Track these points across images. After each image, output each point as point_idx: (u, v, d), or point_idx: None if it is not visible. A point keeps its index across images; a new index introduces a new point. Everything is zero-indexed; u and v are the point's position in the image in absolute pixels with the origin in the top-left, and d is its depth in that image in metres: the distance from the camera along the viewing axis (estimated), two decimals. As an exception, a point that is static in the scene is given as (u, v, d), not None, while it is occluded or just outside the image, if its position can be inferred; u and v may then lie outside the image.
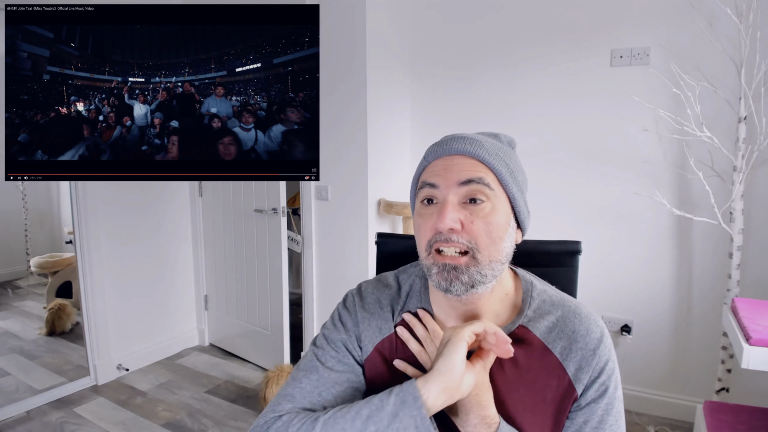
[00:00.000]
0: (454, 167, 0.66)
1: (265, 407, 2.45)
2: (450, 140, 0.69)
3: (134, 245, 2.60)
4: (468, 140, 0.68)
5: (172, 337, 2.86)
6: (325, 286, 2.50)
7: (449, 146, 0.68)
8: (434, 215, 0.66)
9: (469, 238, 0.64)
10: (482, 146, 0.67)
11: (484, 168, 0.67)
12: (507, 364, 0.69)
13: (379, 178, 2.36)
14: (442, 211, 0.64)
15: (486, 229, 0.65)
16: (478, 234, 0.64)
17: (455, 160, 0.67)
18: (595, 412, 0.67)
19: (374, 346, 0.75)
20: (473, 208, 0.65)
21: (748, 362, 1.25)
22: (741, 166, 1.74)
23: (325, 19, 2.16)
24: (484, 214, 0.65)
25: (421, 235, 0.68)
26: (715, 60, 1.88)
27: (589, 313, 0.71)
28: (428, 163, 0.70)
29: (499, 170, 0.67)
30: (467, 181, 0.65)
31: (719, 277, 1.99)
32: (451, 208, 0.64)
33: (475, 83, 2.38)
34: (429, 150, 0.72)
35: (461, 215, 0.65)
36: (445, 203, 0.65)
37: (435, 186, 0.67)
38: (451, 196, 0.65)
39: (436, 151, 0.69)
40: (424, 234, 0.67)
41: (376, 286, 0.80)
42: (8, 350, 2.35)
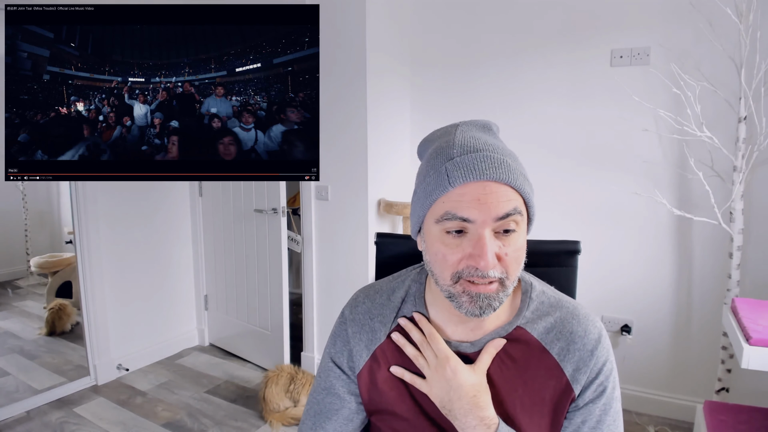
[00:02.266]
0: (489, 199, 0.60)
1: (266, 408, 2.41)
2: (476, 161, 0.61)
3: (134, 245, 2.60)
4: (495, 162, 0.61)
5: (172, 337, 2.86)
6: (325, 286, 2.50)
7: (478, 169, 0.60)
8: (463, 247, 0.61)
9: (502, 269, 0.62)
10: (510, 169, 0.61)
11: (514, 194, 0.62)
12: (505, 364, 0.69)
13: (379, 178, 2.36)
14: (482, 251, 0.60)
15: (516, 257, 0.63)
16: (511, 264, 0.62)
17: (488, 189, 0.60)
18: (593, 412, 0.67)
19: (367, 358, 0.75)
20: (506, 239, 0.62)
21: (748, 362, 1.25)
22: (741, 166, 1.74)
23: (325, 19, 2.17)
24: (515, 243, 0.62)
25: (448, 265, 0.63)
26: (715, 60, 1.87)
27: (587, 314, 0.71)
28: (453, 187, 0.61)
29: (527, 193, 0.63)
30: (505, 216, 0.60)
31: (719, 277, 1.99)
32: (490, 245, 0.60)
33: (476, 87, 2.38)
34: (448, 168, 0.61)
35: (495, 247, 0.61)
36: (482, 241, 0.60)
37: (469, 221, 0.60)
38: (487, 231, 0.60)
39: (464, 175, 0.60)
40: (451, 265, 0.63)
41: (368, 294, 0.80)
42: (8, 350, 2.35)
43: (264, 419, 2.12)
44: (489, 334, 0.70)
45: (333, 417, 0.76)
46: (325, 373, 0.78)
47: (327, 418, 0.76)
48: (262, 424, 2.11)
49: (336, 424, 0.76)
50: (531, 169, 1.58)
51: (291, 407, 2.13)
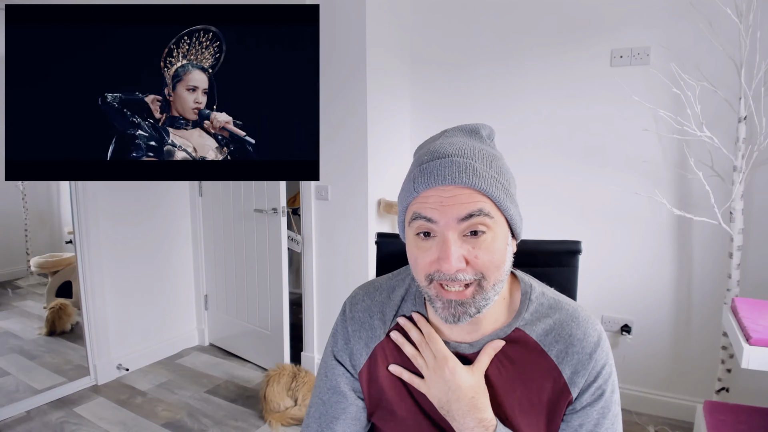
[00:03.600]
0: (451, 201, 0.60)
1: (266, 407, 2.39)
2: (440, 167, 0.62)
3: (134, 245, 2.60)
4: (460, 167, 0.61)
5: (172, 336, 2.86)
6: (325, 286, 2.50)
7: (440, 175, 0.61)
8: (433, 250, 0.62)
9: (474, 272, 0.62)
10: (476, 173, 0.61)
11: (481, 196, 0.61)
12: (504, 365, 0.69)
13: (379, 178, 2.36)
14: (446, 253, 0.60)
15: (490, 259, 0.62)
16: (484, 266, 0.62)
17: (450, 192, 0.61)
18: (591, 415, 0.67)
19: (367, 356, 0.75)
20: (475, 241, 0.62)
21: (748, 362, 1.25)
22: (741, 166, 1.74)
23: (324, 18, 2.17)
24: (487, 245, 0.62)
25: (419, 267, 0.64)
26: (715, 60, 1.87)
27: (587, 316, 0.70)
28: (418, 193, 0.63)
29: (497, 196, 0.62)
30: (467, 216, 0.60)
31: (719, 277, 1.99)
32: (454, 248, 0.60)
33: (476, 86, 2.38)
34: (415, 174, 0.64)
35: (463, 250, 0.61)
36: (446, 243, 0.61)
37: (431, 221, 0.61)
38: (451, 233, 0.61)
39: (426, 181, 0.62)
40: (422, 267, 0.64)
41: (367, 292, 0.80)
42: (8, 350, 2.35)
43: (264, 419, 2.12)
44: (488, 336, 0.70)
45: (341, 416, 0.74)
46: (330, 372, 0.76)
47: (334, 418, 0.74)
48: (262, 424, 2.11)
49: (344, 424, 0.74)
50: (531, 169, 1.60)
51: (292, 406, 2.13)
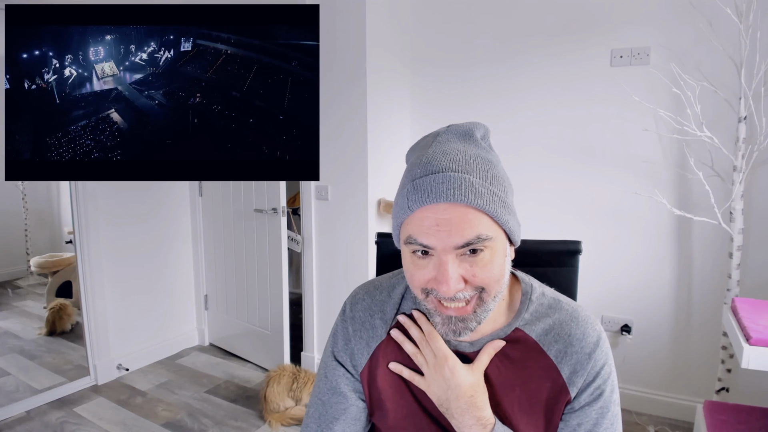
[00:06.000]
0: (447, 225, 0.58)
1: (266, 407, 2.39)
2: (434, 183, 0.58)
3: (134, 245, 2.60)
4: (455, 182, 0.58)
5: (172, 336, 2.86)
6: (325, 286, 2.50)
7: (435, 192, 0.58)
8: (429, 268, 0.61)
9: (474, 288, 0.61)
10: (472, 188, 0.58)
11: (478, 213, 0.58)
12: (503, 364, 0.69)
13: (379, 178, 2.36)
14: (444, 277, 0.59)
15: (489, 275, 0.61)
16: (483, 282, 0.61)
17: (445, 212, 0.58)
18: (589, 415, 0.67)
19: (368, 356, 0.74)
20: (473, 260, 0.60)
21: (748, 362, 1.25)
22: (741, 166, 1.74)
23: (324, 17, 2.16)
24: (485, 263, 0.60)
25: (415, 283, 0.63)
26: (715, 60, 1.88)
27: (587, 317, 0.70)
28: (412, 211, 0.60)
29: (494, 210, 0.59)
30: (465, 245, 0.58)
31: (719, 277, 1.99)
32: (452, 271, 0.59)
33: (476, 86, 2.38)
34: (409, 190, 0.60)
35: (461, 270, 0.60)
36: (444, 266, 0.59)
37: (429, 248, 0.60)
38: (450, 257, 0.59)
39: (420, 198, 0.59)
40: (418, 283, 0.63)
41: (367, 291, 0.79)
42: (8, 350, 2.35)
43: (264, 419, 2.12)
44: (488, 335, 0.70)
45: (340, 417, 0.74)
46: (330, 372, 0.76)
47: (334, 418, 0.74)
48: (262, 424, 2.11)
49: (344, 425, 0.74)
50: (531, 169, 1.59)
51: (292, 407, 2.13)
